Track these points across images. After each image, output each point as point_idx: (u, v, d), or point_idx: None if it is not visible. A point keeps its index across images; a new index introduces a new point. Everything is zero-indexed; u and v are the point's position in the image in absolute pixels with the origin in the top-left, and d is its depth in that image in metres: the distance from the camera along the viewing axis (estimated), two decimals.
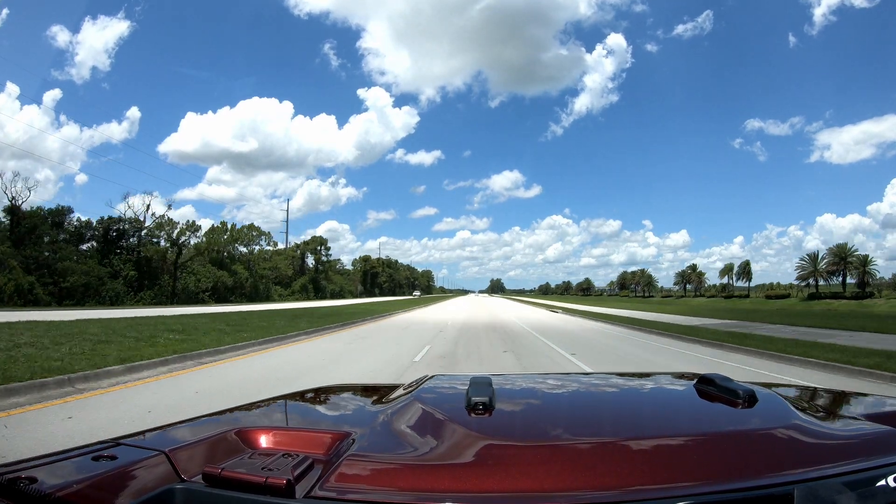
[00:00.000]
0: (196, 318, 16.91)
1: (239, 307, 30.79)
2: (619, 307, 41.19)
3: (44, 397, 5.65)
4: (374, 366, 9.32)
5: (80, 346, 8.57)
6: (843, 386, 6.98)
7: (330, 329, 16.43)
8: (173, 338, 10.65)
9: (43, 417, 4.90)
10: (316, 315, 21.89)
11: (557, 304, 55.11)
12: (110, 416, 5.03)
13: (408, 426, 1.03)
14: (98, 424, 4.68)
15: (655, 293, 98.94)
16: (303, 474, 0.76)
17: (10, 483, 0.75)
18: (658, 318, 25.24)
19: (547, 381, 1.57)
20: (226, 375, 7.79)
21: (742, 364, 9.98)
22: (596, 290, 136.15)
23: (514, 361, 9.99)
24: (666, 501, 0.71)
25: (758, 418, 1.12)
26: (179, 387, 6.66)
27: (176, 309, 24.98)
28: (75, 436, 4.21)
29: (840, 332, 16.06)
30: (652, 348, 13.32)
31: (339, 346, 12.20)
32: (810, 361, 9.72)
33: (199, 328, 13.20)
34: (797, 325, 19.53)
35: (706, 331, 16.84)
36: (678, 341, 14.91)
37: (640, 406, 1.37)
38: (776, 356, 10.73)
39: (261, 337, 11.99)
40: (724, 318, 25.34)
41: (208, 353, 9.31)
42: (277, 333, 13.09)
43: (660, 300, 78.63)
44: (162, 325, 13.47)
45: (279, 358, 9.95)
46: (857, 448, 0.93)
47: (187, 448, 0.91)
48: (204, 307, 30.44)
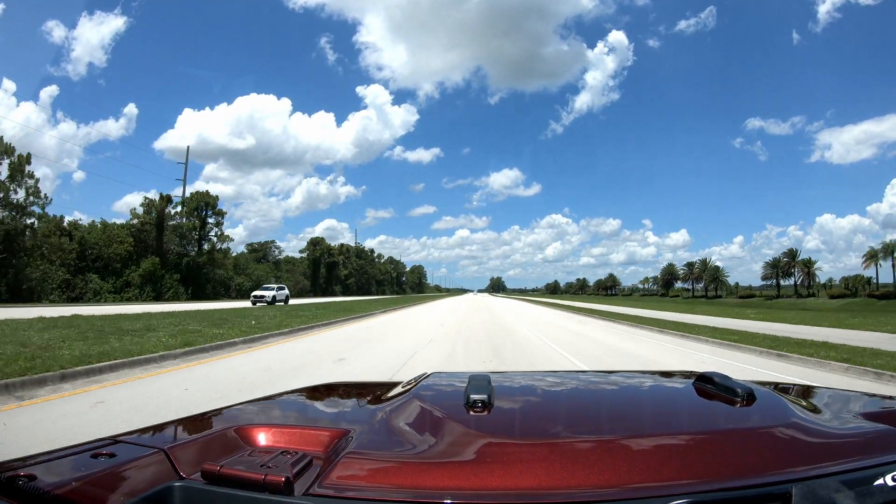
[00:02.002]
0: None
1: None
2: (728, 316, 25.28)
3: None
4: None
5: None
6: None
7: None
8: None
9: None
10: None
11: (593, 306, 39.25)
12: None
13: (406, 424, 1.03)
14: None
15: (724, 292, 74.10)
16: (301, 472, 0.76)
17: (10, 481, 0.75)
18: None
19: (546, 378, 1.57)
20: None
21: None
22: (623, 290, 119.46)
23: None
24: (664, 499, 0.71)
25: (756, 416, 1.13)
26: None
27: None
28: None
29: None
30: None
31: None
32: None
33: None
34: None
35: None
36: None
37: (638, 404, 1.37)
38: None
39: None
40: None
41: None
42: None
43: (749, 303, 54.86)
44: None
45: None
46: (855, 446, 0.94)
47: (186, 445, 0.91)
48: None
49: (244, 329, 13.03)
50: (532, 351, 11.48)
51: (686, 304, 52.70)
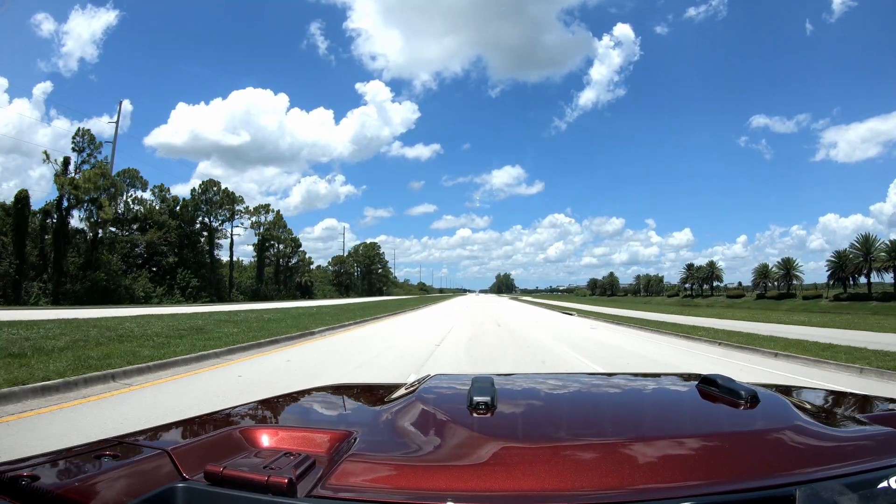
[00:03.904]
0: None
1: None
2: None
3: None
4: None
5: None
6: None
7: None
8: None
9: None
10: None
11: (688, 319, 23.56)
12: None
13: (409, 425, 1.03)
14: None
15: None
16: (304, 473, 0.76)
17: (12, 481, 0.75)
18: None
19: (549, 381, 1.57)
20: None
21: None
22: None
23: None
24: (668, 502, 0.71)
25: (760, 419, 1.12)
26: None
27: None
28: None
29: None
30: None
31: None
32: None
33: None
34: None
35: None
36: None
37: (642, 406, 1.36)
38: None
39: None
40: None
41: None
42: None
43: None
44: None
45: None
46: (859, 449, 0.93)
47: (189, 447, 0.91)
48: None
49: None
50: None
51: (760, 310, 41.56)
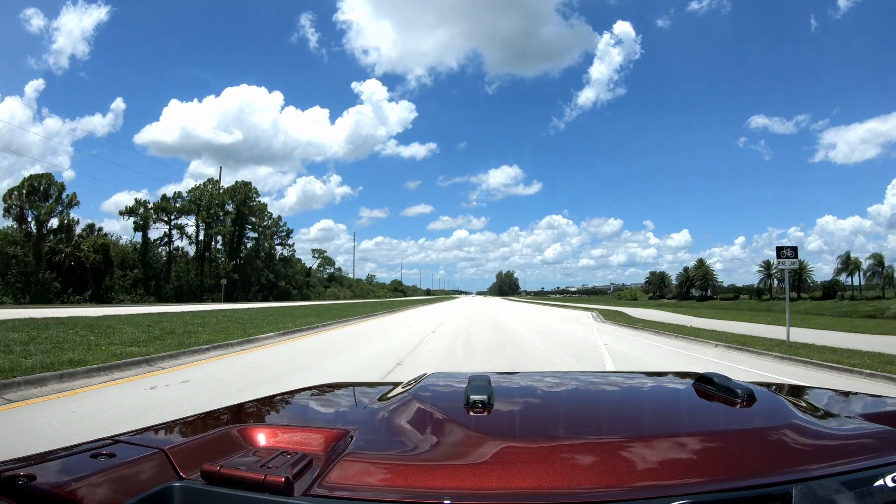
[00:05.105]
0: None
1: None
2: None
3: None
4: None
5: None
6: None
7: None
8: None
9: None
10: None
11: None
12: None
13: (406, 424, 1.03)
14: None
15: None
16: (301, 472, 0.76)
17: (9, 481, 0.75)
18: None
19: (546, 379, 1.57)
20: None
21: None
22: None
23: None
24: (665, 500, 0.71)
25: (756, 417, 1.13)
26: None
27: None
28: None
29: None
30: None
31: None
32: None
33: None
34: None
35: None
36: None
37: (638, 405, 1.37)
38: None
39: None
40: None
41: None
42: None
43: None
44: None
45: None
46: (855, 447, 0.94)
47: (186, 446, 0.91)
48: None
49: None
50: None
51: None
